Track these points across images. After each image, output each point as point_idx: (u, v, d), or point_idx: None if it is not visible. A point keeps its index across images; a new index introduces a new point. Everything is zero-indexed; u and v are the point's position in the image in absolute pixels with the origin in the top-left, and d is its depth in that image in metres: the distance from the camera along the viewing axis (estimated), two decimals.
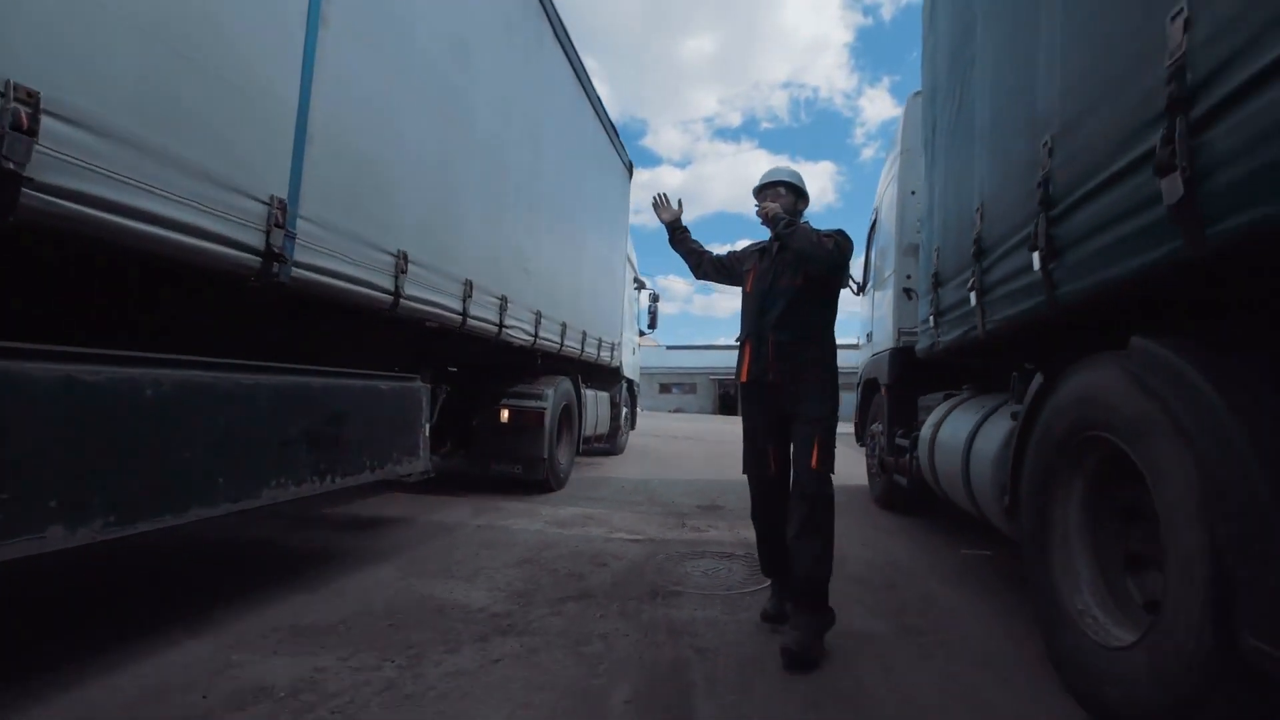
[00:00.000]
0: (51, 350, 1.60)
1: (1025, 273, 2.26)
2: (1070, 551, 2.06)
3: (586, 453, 7.77)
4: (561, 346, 5.66)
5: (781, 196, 2.65)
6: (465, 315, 3.75)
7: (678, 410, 34.63)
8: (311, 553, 3.32)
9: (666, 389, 38.55)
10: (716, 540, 3.97)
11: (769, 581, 2.70)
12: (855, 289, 6.67)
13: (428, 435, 3.58)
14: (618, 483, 6.48)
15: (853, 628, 2.47)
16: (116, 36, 1.68)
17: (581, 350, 6.26)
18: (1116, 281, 1.72)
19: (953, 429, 3.43)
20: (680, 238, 2.89)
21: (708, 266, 2.85)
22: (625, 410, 9.17)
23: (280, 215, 2.24)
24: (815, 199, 4.04)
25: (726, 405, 35.35)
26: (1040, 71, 2.20)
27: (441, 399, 4.15)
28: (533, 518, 4.45)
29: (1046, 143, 2.10)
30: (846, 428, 5.35)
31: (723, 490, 6.07)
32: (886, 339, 5.38)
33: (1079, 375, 2.02)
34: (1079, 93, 1.92)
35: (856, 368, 6.53)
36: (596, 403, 7.26)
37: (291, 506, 3.85)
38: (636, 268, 9.83)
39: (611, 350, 7.58)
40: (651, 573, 3.18)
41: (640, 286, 10.04)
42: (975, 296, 2.82)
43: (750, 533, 2.90)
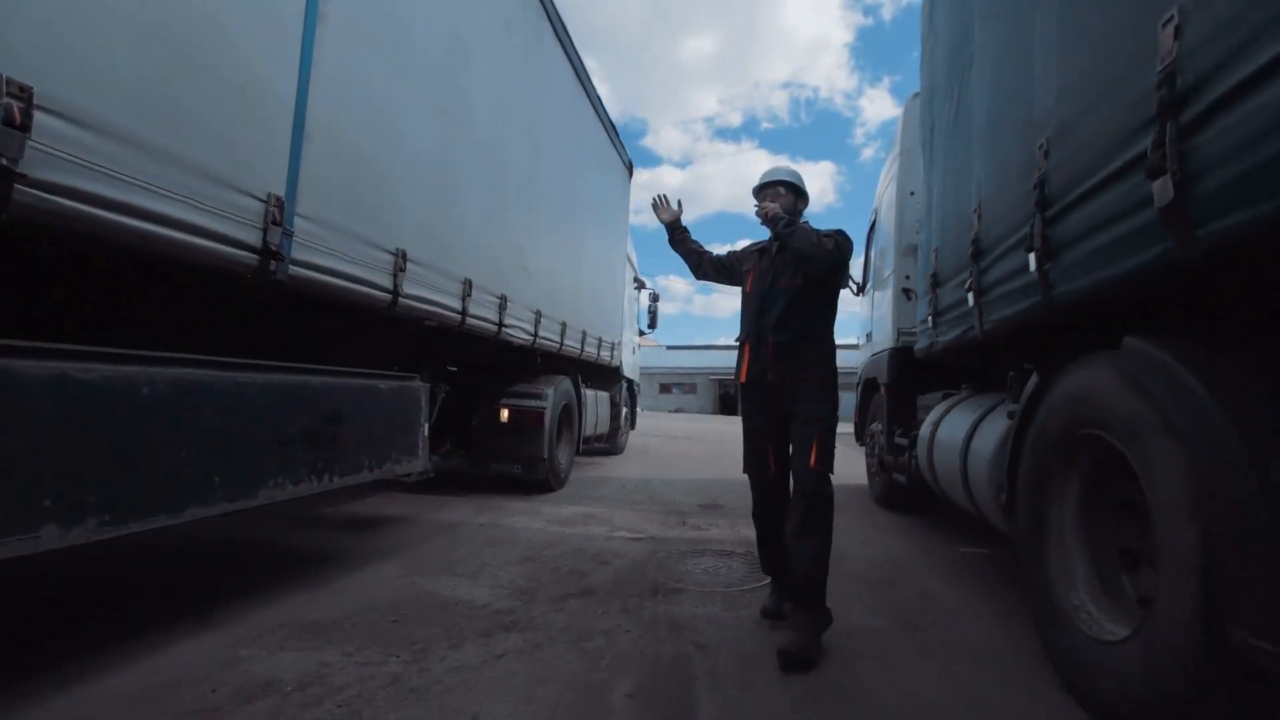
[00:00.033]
0: (46, 348, 1.57)
1: (1022, 273, 2.29)
2: (1066, 548, 2.08)
3: (587, 452, 7.78)
4: (561, 346, 5.67)
5: (781, 196, 2.66)
6: (464, 314, 3.76)
7: (678, 410, 34.62)
8: (312, 552, 3.33)
9: (666, 389, 38.52)
10: (717, 539, 3.99)
11: (769, 579, 2.72)
12: (855, 289, 6.68)
13: (427, 435, 3.59)
14: (618, 482, 6.50)
15: (852, 625, 2.49)
16: (115, 35, 1.69)
17: (581, 350, 6.27)
18: (1110, 282, 1.74)
19: (951, 428, 3.45)
20: (680, 238, 2.91)
21: (708, 267, 2.86)
22: (625, 410, 9.18)
23: (278, 213, 2.24)
24: (815, 199, 4.06)
25: (726, 405, 35.33)
26: (1036, 73, 2.22)
27: (441, 398, 4.16)
28: (534, 516, 4.47)
29: (1042, 145, 2.13)
30: (846, 427, 5.37)
31: (723, 489, 6.08)
32: (886, 339, 5.40)
33: (1073, 375, 2.05)
34: (1074, 95, 1.95)
35: (856, 368, 6.55)
36: (596, 402, 7.26)
37: (289, 506, 3.85)
38: (636, 267, 9.84)
39: (611, 350, 7.59)
40: (653, 570, 3.20)
41: (640, 286, 10.05)
42: (973, 297, 2.85)
43: (750, 531, 2.92)
